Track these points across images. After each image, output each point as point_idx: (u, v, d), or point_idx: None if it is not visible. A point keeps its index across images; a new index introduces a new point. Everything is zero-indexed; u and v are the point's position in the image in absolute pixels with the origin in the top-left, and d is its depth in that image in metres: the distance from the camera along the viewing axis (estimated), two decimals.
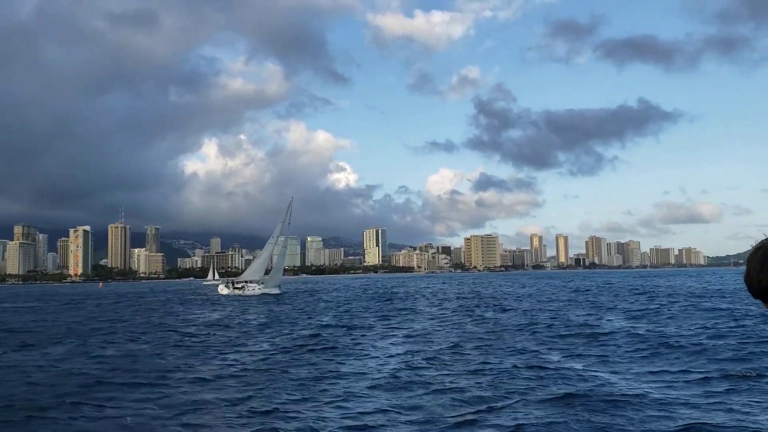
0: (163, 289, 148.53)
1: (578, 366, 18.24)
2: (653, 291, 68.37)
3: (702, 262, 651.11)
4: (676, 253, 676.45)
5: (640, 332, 26.53)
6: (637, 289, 75.80)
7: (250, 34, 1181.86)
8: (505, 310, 43.36)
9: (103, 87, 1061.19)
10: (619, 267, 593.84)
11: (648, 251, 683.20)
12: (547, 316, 37.79)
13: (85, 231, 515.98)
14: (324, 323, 36.73)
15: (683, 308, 41.33)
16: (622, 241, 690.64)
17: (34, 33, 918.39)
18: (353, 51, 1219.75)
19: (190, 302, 72.73)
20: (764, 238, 2.22)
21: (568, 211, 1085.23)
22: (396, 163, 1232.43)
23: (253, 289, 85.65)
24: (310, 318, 41.72)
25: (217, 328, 35.38)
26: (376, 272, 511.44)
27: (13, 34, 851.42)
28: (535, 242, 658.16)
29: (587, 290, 77.30)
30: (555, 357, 20.41)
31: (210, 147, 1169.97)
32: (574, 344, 23.41)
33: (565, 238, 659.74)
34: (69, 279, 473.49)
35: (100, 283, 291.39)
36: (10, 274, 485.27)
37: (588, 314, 38.29)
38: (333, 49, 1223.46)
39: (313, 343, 25.73)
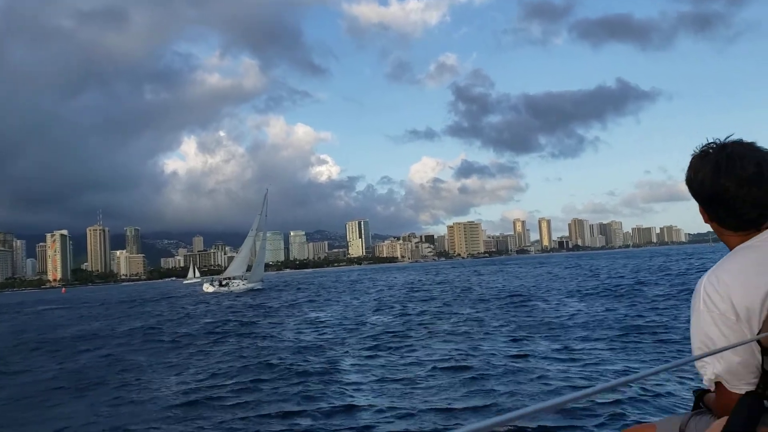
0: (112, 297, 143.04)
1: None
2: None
3: (683, 239, 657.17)
4: (658, 231, 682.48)
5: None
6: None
7: (224, 28, 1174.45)
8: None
9: (76, 87, 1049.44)
10: (602, 248, 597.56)
11: (630, 231, 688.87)
12: None
13: (62, 235, 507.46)
14: None
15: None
16: (605, 221, 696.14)
17: (1, 33, 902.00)
18: (330, 42, 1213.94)
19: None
20: (709, 142, 2.16)
21: (551, 194, 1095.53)
22: (377, 154, 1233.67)
23: (238, 285, 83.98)
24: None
25: None
26: (360, 264, 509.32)
27: None
28: (518, 227, 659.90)
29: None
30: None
31: (189, 145, 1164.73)
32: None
33: (548, 222, 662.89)
34: (48, 285, 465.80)
35: (63, 289, 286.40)
36: None
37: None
38: (309, 41, 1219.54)
39: None
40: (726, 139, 2.13)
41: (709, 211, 2.15)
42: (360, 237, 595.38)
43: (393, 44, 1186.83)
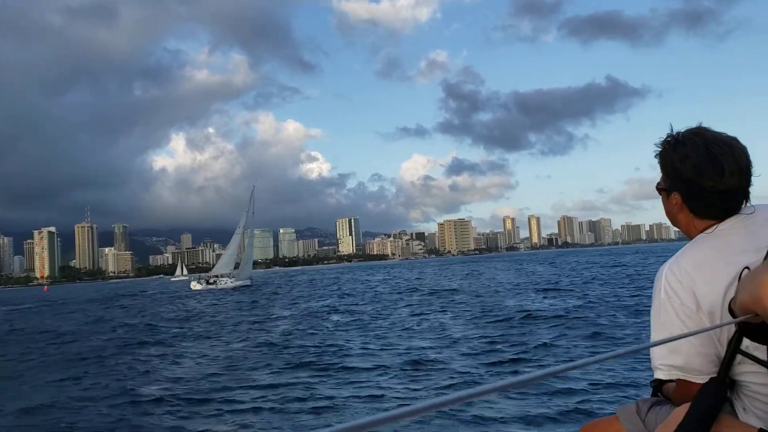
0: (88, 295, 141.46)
1: None
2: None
3: (673, 236, 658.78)
4: (647, 228, 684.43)
5: None
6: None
7: (213, 24, 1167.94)
8: None
9: (65, 84, 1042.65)
10: (591, 245, 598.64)
11: (620, 228, 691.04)
12: None
13: (50, 232, 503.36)
14: None
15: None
16: (594, 219, 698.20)
17: None
18: (320, 38, 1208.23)
19: None
20: (672, 133, 2.12)
21: (541, 191, 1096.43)
22: (368, 151, 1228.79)
23: (225, 283, 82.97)
24: None
25: None
26: (350, 261, 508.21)
27: None
28: (508, 224, 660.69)
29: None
30: None
31: (178, 141, 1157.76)
32: None
33: (538, 219, 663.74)
34: (36, 282, 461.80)
35: (45, 287, 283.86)
36: None
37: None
38: (299, 37, 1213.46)
39: None
40: (687, 129, 2.10)
41: (690, 199, 2.05)
42: (350, 234, 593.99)
43: (383, 41, 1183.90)
